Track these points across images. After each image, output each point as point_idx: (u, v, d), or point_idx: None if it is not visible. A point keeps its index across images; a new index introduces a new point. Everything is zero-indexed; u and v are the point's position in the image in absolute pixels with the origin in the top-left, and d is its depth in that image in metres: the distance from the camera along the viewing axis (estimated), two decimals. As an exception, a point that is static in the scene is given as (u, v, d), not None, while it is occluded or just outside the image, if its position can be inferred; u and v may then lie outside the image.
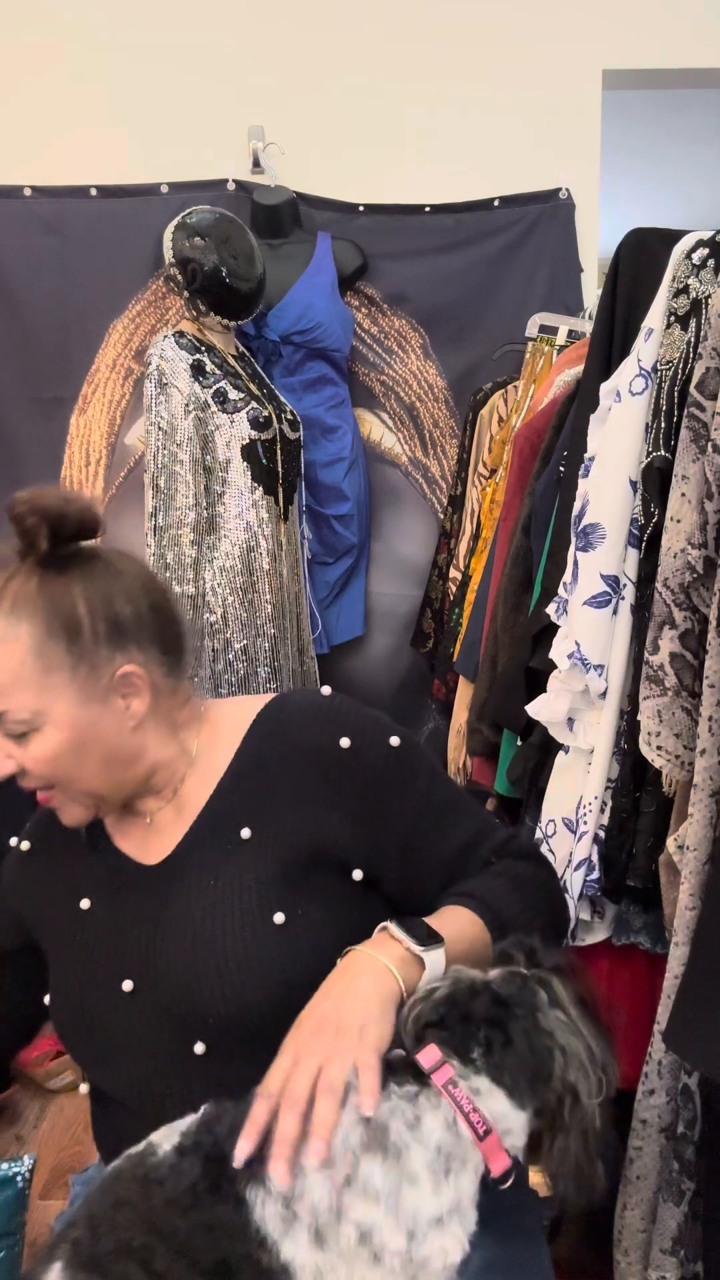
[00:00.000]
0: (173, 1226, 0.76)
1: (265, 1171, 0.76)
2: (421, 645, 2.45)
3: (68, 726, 0.94)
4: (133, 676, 0.96)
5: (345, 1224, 0.74)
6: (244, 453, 2.09)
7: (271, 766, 1.00)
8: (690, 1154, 1.19)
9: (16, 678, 0.92)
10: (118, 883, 1.02)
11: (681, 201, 4.70)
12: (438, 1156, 0.76)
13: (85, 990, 0.99)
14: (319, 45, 2.51)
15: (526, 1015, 0.80)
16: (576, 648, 1.32)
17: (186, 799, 1.02)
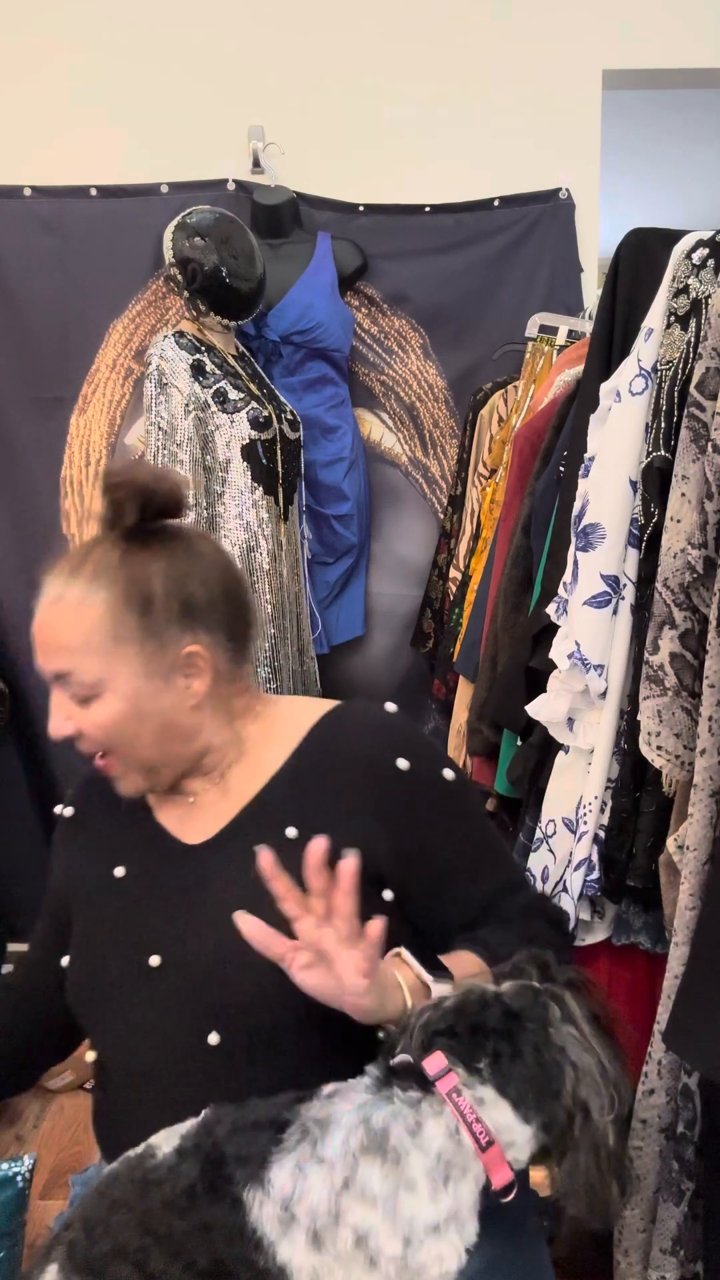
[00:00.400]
0: (169, 1228, 0.76)
1: (265, 1174, 0.76)
2: (421, 645, 2.45)
3: (129, 697, 0.97)
4: (196, 657, 0.99)
5: (343, 1227, 0.74)
6: (244, 453, 2.09)
7: (327, 772, 1.00)
8: (690, 1154, 1.19)
9: (86, 643, 0.96)
10: (155, 855, 1.02)
11: (681, 201, 4.69)
12: (437, 1164, 0.76)
13: (110, 957, 0.99)
14: (319, 45, 2.50)
15: (537, 1029, 0.80)
16: (576, 648, 1.32)
17: (233, 786, 1.03)
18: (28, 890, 2.53)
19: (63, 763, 2.61)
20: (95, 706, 0.97)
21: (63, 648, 0.98)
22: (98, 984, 0.99)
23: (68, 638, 0.98)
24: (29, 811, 2.61)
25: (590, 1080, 0.79)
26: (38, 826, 2.62)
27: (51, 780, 2.63)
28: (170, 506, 1.01)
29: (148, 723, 0.98)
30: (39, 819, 2.62)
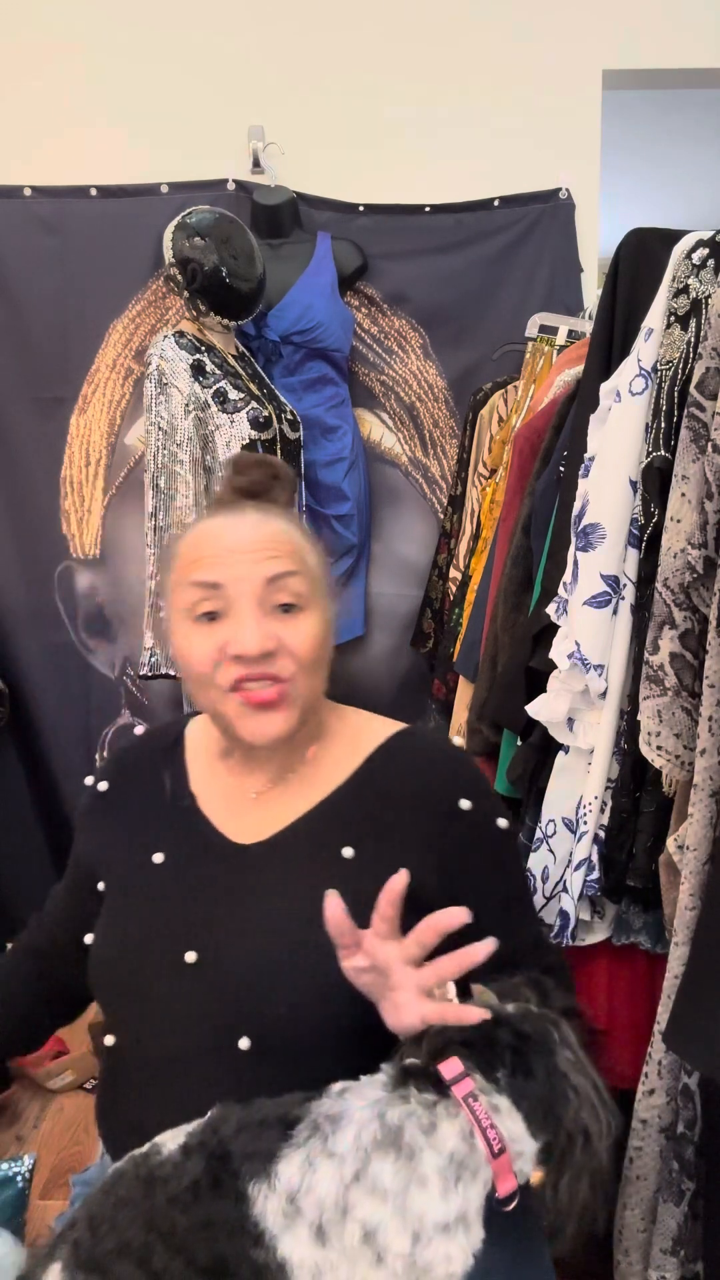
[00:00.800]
0: (172, 1224, 0.76)
1: (273, 1168, 0.75)
2: (421, 645, 2.45)
3: (324, 622, 0.99)
4: (333, 622, 1.02)
5: (350, 1221, 0.74)
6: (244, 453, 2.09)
7: (389, 796, 1.00)
8: (690, 1154, 1.19)
9: (302, 558, 0.98)
10: (198, 848, 1.01)
11: (681, 201, 4.69)
12: (450, 1163, 0.76)
13: (143, 946, 0.98)
14: (319, 45, 2.51)
15: (545, 1052, 0.81)
16: (576, 648, 1.32)
17: (294, 789, 1.03)
18: (28, 890, 2.54)
19: (63, 763, 2.61)
20: (300, 619, 0.97)
21: (285, 554, 0.97)
22: (128, 970, 0.98)
23: (289, 547, 0.98)
24: (29, 811, 2.61)
25: (590, 1105, 0.79)
26: (38, 826, 2.62)
27: (52, 780, 2.63)
28: (292, 498, 1.07)
29: (327, 654, 1.00)
30: (39, 819, 2.62)
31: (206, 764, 1.08)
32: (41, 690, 2.58)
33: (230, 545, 0.97)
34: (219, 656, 0.95)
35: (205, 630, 0.96)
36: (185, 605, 0.97)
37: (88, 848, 1.08)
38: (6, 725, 2.55)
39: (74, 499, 2.55)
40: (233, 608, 0.95)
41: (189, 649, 0.97)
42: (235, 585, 0.95)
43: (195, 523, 1.03)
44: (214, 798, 1.05)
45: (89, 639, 2.60)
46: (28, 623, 2.56)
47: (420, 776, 1.01)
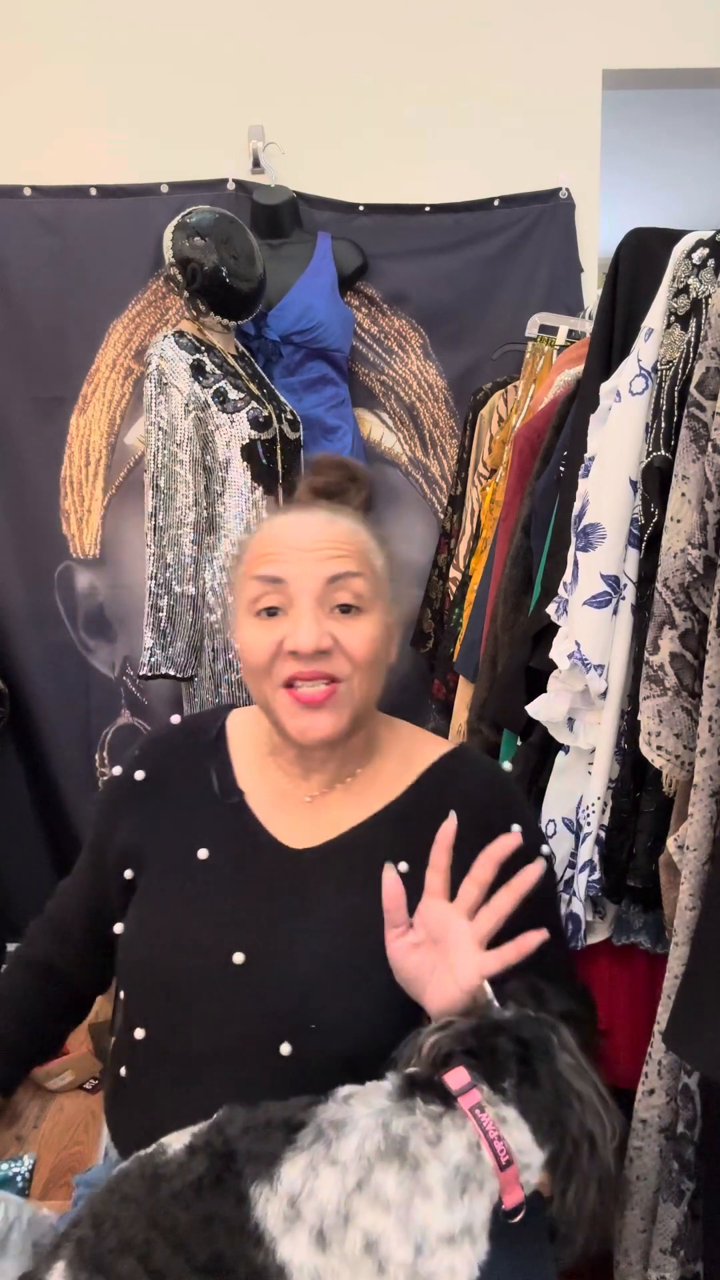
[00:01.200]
0: (173, 1221, 0.75)
1: (275, 1170, 0.75)
2: (421, 645, 2.45)
3: (384, 626, 1.00)
4: (395, 628, 1.04)
5: (352, 1229, 0.73)
6: (244, 453, 2.09)
7: (442, 812, 0.99)
8: (690, 1154, 1.19)
9: (368, 560, 0.99)
10: (247, 848, 1.01)
11: (681, 201, 4.69)
12: (455, 1175, 0.75)
13: (186, 942, 0.97)
14: (319, 45, 2.51)
15: (546, 1058, 0.80)
16: (577, 648, 1.31)
17: (349, 798, 1.03)
18: (28, 890, 2.54)
19: (63, 763, 2.61)
20: (360, 621, 0.97)
21: (350, 554, 0.98)
22: (168, 965, 0.97)
23: (354, 548, 0.99)
24: (29, 811, 2.61)
25: (594, 1110, 0.79)
26: (38, 826, 2.62)
27: (52, 780, 2.63)
28: (371, 501, 1.09)
29: (385, 658, 1.01)
30: (39, 819, 2.62)
31: (253, 761, 1.08)
32: (41, 690, 2.58)
33: (295, 543, 0.98)
34: (276, 651, 0.96)
35: (265, 625, 0.97)
36: (249, 599, 0.99)
37: (119, 837, 1.06)
38: (6, 725, 2.55)
39: (74, 499, 2.55)
40: (293, 604, 0.96)
41: (249, 641, 0.98)
42: (297, 582, 0.96)
43: (266, 518, 1.05)
44: (263, 797, 1.04)
45: (89, 639, 2.60)
46: (28, 623, 2.56)
47: (474, 799, 1.02)
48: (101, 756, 2.62)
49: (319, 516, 1.00)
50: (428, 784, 1.04)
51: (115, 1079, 1.03)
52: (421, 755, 1.07)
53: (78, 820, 2.61)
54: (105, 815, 1.10)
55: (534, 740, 1.51)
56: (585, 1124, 0.78)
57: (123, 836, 1.06)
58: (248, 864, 1.00)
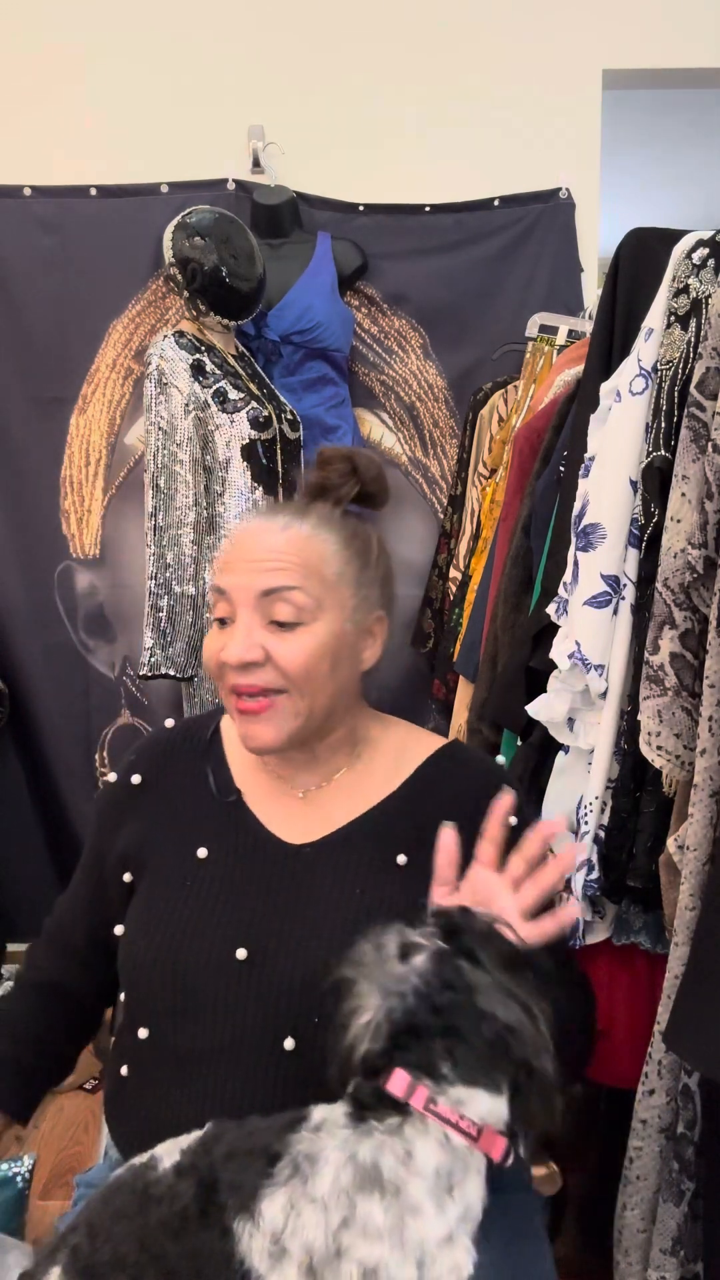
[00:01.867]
0: (162, 1249, 0.75)
1: (256, 1206, 0.74)
2: (421, 645, 2.45)
3: (333, 635, 0.99)
4: (379, 626, 1.05)
5: (347, 1262, 0.72)
6: (244, 453, 2.09)
7: (440, 809, 1.01)
8: (690, 1154, 1.19)
9: (316, 569, 0.98)
10: (246, 845, 1.01)
11: (681, 201, 4.69)
12: (437, 1181, 0.75)
13: (189, 940, 0.97)
14: (319, 45, 2.51)
15: (466, 1004, 0.78)
16: (577, 648, 1.31)
17: (345, 792, 1.04)
18: (28, 890, 2.54)
19: (63, 763, 2.61)
20: (298, 634, 0.97)
21: (290, 566, 0.98)
22: (171, 963, 0.97)
23: (297, 559, 0.98)
24: (29, 811, 2.61)
25: (527, 1034, 0.78)
26: (38, 826, 2.62)
27: (52, 780, 2.63)
28: (376, 501, 1.10)
29: (333, 669, 1.00)
30: (39, 819, 2.62)
31: (249, 759, 1.08)
32: (41, 690, 2.58)
33: (243, 552, 0.99)
34: (221, 659, 0.98)
35: (217, 634, 1.00)
36: (211, 606, 1.02)
37: (119, 841, 1.06)
38: (6, 725, 2.55)
39: (74, 499, 2.55)
40: (236, 615, 0.98)
41: (206, 649, 1.01)
42: (236, 593, 0.97)
43: (239, 526, 1.06)
44: (260, 795, 1.05)
45: (89, 639, 2.60)
46: (28, 623, 2.56)
47: (471, 793, 1.03)
48: (101, 756, 2.62)
49: (275, 523, 1.00)
50: (423, 778, 1.05)
51: (116, 1079, 1.03)
52: (415, 750, 1.08)
53: (78, 820, 2.61)
54: (104, 822, 1.10)
55: (534, 740, 1.51)
56: (516, 1055, 0.78)
57: (122, 840, 1.06)
58: (247, 861, 1.00)
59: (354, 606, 1.01)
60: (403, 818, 1.02)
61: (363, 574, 1.02)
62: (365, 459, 1.08)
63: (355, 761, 1.06)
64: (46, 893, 1.19)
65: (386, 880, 0.98)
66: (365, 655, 1.04)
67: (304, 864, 1.00)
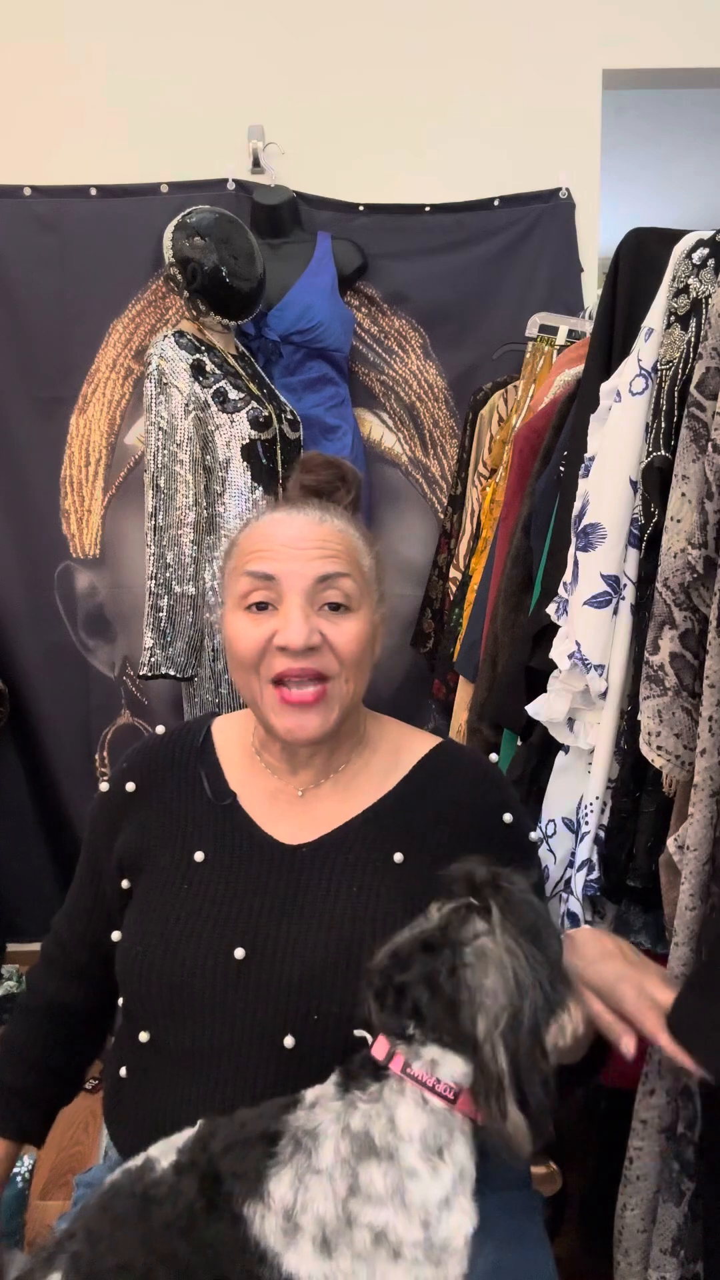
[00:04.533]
0: (172, 1249, 0.76)
1: (263, 1187, 0.76)
2: (421, 645, 2.45)
3: (370, 625, 1.01)
4: (383, 623, 1.06)
5: (358, 1229, 0.74)
6: (244, 452, 2.09)
7: (435, 808, 1.03)
8: (690, 1154, 1.19)
9: (356, 561, 1.01)
10: (243, 847, 1.01)
11: (682, 201, 4.69)
12: (425, 1145, 0.77)
13: (187, 943, 0.97)
14: (319, 45, 2.51)
15: (451, 953, 0.78)
16: (577, 648, 1.31)
17: (341, 792, 1.04)
18: (28, 890, 2.54)
19: (63, 763, 2.61)
20: (349, 619, 0.99)
21: (340, 554, 0.99)
22: (169, 966, 0.97)
23: (343, 549, 1.00)
24: (29, 811, 2.61)
25: (481, 1000, 0.76)
26: (38, 826, 2.62)
27: (52, 780, 2.63)
28: (358, 501, 1.11)
29: (370, 657, 1.02)
30: (39, 819, 2.62)
31: (242, 762, 1.08)
32: (41, 690, 2.58)
33: (287, 539, 0.99)
34: (265, 645, 0.97)
35: (255, 619, 0.98)
36: (238, 594, 0.99)
37: (114, 849, 1.06)
38: (6, 725, 2.55)
39: (74, 499, 2.55)
40: (283, 600, 0.97)
41: (237, 636, 0.99)
42: (287, 579, 0.97)
43: (258, 514, 1.05)
44: (255, 797, 1.05)
45: (89, 639, 2.60)
46: (28, 623, 2.56)
47: (465, 792, 1.05)
48: (101, 756, 2.62)
49: (310, 514, 1.01)
50: (418, 778, 1.06)
51: (115, 1079, 1.03)
52: (410, 750, 1.08)
53: (78, 820, 2.61)
54: (99, 832, 1.09)
55: (534, 740, 1.51)
56: (481, 1017, 0.76)
57: (119, 848, 1.06)
58: (244, 863, 1.00)
59: (372, 602, 1.03)
60: (399, 816, 1.03)
61: (376, 568, 1.05)
62: (348, 467, 1.10)
63: (354, 759, 1.07)
64: (46, 893, 1.19)
65: (384, 878, 0.99)
66: (376, 649, 1.06)
67: (301, 864, 1.00)
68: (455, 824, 1.02)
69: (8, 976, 2.42)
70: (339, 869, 0.99)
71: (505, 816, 1.05)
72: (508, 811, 1.05)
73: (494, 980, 0.76)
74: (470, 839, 1.00)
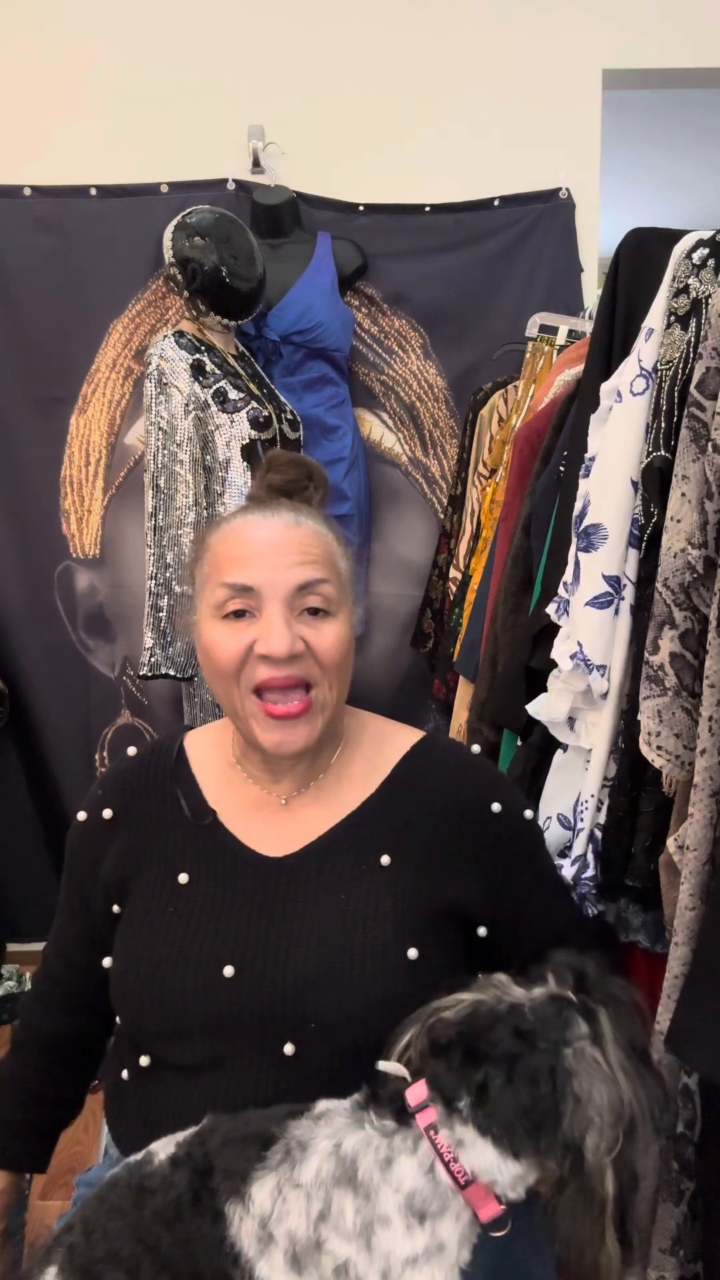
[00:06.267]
0: (157, 1239, 0.76)
1: (247, 1190, 0.75)
2: (421, 645, 2.45)
3: (349, 628, 0.99)
4: (355, 623, 1.02)
5: (324, 1255, 0.73)
6: (244, 453, 2.09)
7: (420, 806, 1.01)
8: (690, 1154, 1.19)
9: (333, 563, 0.99)
10: (226, 864, 0.99)
11: (681, 201, 4.69)
12: (410, 1203, 0.73)
13: (175, 966, 0.95)
14: (319, 44, 2.51)
15: (550, 1050, 0.72)
16: (579, 648, 1.31)
17: (323, 798, 1.02)
18: (28, 890, 2.54)
19: (62, 763, 2.61)
20: (330, 624, 0.97)
21: (318, 560, 0.97)
22: (160, 990, 0.95)
23: (321, 553, 0.98)
24: (29, 811, 2.61)
25: (591, 1115, 0.70)
26: (38, 826, 2.62)
27: (52, 780, 2.63)
28: (326, 499, 1.09)
29: (350, 660, 1.00)
30: (39, 819, 2.62)
31: (219, 775, 1.06)
32: (41, 690, 2.58)
33: (263, 545, 0.96)
34: (245, 655, 0.95)
35: (233, 628, 0.95)
36: (214, 602, 0.97)
37: (99, 875, 1.04)
38: (6, 725, 2.55)
39: (74, 499, 2.55)
40: (263, 609, 0.95)
41: (214, 646, 0.96)
42: (267, 588, 0.94)
43: (228, 517, 1.02)
44: (236, 811, 1.03)
45: (89, 639, 2.60)
46: (28, 623, 2.56)
47: (450, 786, 1.02)
48: (101, 756, 2.62)
49: (284, 516, 0.99)
50: (400, 778, 1.04)
51: (116, 1080, 1.03)
52: (391, 745, 1.06)
53: (78, 820, 2.61)
54: (80, 861, 1.07)
55: (534, 740, 1.51)
56: (571, 1131, 0.70)
57: (104, 874, 1.04)
58: (229, 881, 0.99)
59: (350, 605, 1.01)
60: (383, 818, 1.01)
61: (349, 569, 1.03)
62: (316, 465, 1.07)
63: (336, 760, 1.05)
64: (46, 893, 1.18)
65: (370, 882, 0.97)
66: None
67: (286, 876, 0.98)
68: (441, 820, 1.00)
69: (8, 976, 2.42)
70: (326, 877, 0.98)
71: (493, 806, 1.02)
72: (495, 801, 1.02)
73: (603, 1096, 0.71)
74: (456, 836, 0.99)
